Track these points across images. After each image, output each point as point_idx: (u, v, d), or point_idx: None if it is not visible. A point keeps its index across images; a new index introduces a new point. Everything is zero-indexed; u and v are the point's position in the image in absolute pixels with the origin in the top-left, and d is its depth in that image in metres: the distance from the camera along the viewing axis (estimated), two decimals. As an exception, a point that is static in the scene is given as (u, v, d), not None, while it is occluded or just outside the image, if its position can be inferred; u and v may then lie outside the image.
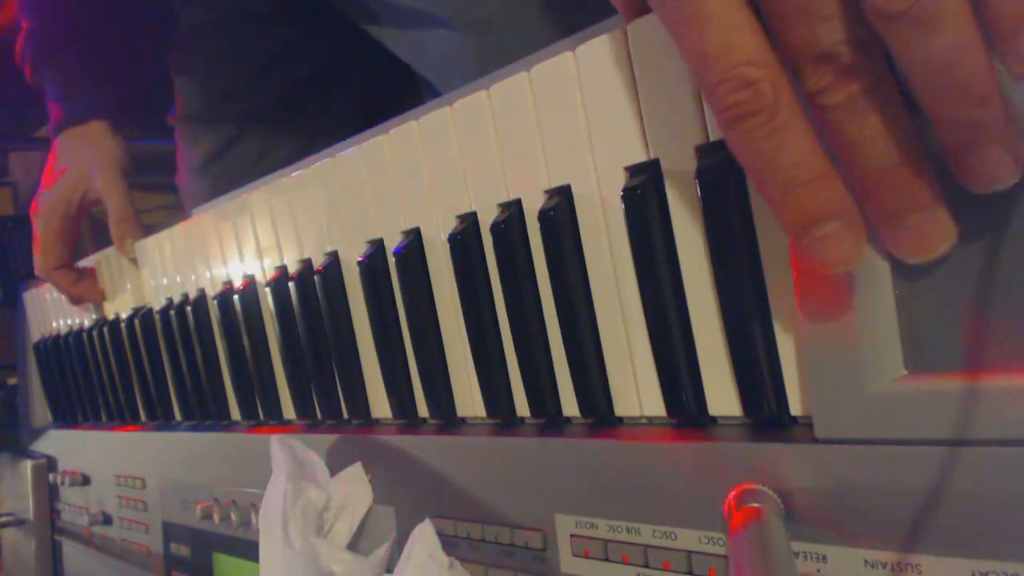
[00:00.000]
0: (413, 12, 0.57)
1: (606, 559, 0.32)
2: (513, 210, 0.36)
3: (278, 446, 0.46)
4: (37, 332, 0.91)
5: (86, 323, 0.78)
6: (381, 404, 0.45)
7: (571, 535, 0.33)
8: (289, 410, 0.52)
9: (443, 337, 0.41)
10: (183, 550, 0.61)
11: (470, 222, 0.38)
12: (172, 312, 0.61)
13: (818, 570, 0.26)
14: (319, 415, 0.50)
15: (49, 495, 0.88)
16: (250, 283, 0.54)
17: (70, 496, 0.83)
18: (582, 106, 0.33)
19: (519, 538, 0.35)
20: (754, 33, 0.22)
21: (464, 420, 0.41)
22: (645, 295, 0.32)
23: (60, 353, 0.83)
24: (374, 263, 0.43)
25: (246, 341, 0.54)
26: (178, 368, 0.62)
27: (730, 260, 0.29)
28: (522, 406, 0.37)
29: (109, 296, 0.75)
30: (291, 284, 0.49)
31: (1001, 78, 0.20)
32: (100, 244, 0.76)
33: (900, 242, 0.23)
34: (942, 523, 0.23)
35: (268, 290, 0.51)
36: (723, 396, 0.30)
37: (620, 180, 0.32)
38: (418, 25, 0.57)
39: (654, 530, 0.30)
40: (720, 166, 0.28)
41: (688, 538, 0.29)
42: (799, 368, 0.28)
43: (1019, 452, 0.22)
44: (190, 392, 0.61)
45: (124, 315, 0.70)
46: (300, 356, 0.50)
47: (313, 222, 0.48)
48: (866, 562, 0.25)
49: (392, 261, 0.42)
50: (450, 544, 0.39)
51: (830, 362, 0.26)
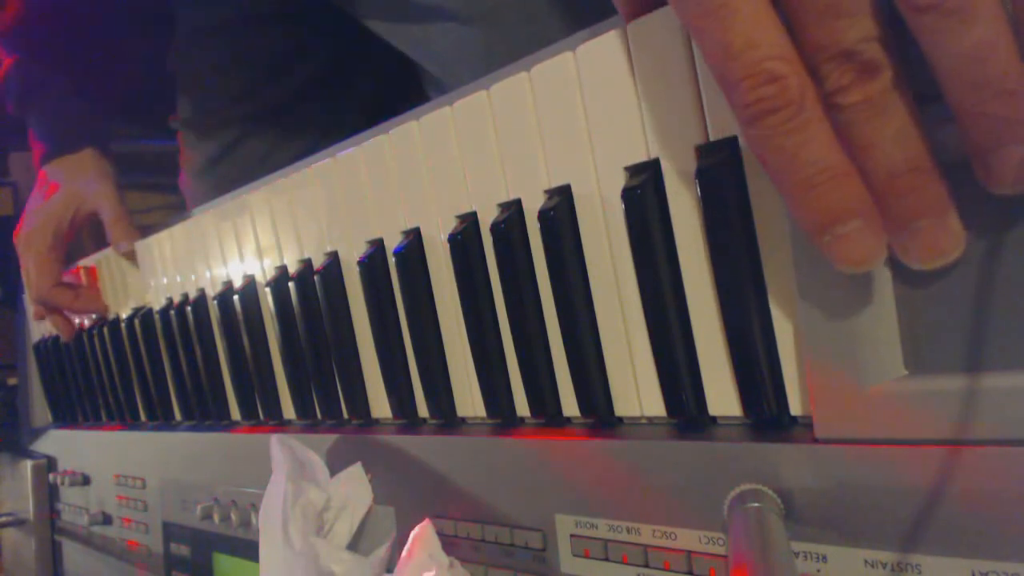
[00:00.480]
0: (419, 5, 0.57)
1: (606, 559, 0.32)
2: (513, 210, 0.36)
3: (278, 446, 0.46)
4: (37, 332, 0.91)
5: (86, 323, 0.78)
6: (381, 404, 0.45)
7: (571, 535, 0.33)
8: (289, 410, 0.52)
9: (443, 337, 0.41)
10: (183, 550, 0.61)
11: (470, 222, 0.38)
12: (172, 312, 0.61)
13: (818, 570, 0.26)
14: (319, 415, 0.50)
15: (49, 495, 0.88)
16: (250, 283, 0.54)
17: (70, 496, 0.83)
18: (582, 106, 0.33)
19: (519, 538, 0.35)
20: (778, 29, 0.22)
21: (464, 420, 0.41)
22: (645, 295, 0.32)
23: (60, 353, 0.83)
24: (374, 263, 0.43)
25: (246, 341, 0.54)
26: (178, 368, 0.62)
27: (730, 260, 0.29)
28: (522, 406, 0.37)
29: (109, 296, 0.75)
30: (291, 284, 0.49)
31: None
32: (100, 244, 0.76)
33: (909, 247, 0.23)
34: (942, 523, 0.23)
35: (268, 290, 0.51)
36: (723, 396, 0.30)
37: (620, 180, 0.32)
38: (424, 19, 0.57)
39: (654, 530, 0.30)
40: (720, 166, 0.28)
41: (688, 538, 0.29)
42: (799, 368, 0.28)
43: (1019, 452, 0.22)
44: (190, 392, 0.61)
45: (124, 315, 0.70)
46: (300, 356, 0.50)
47: (313, 222, 0.48)
48: (866, 562, 0.25)
49: (392, 261, 0.42)
50: (450, 544, 0.39)
51: (830, 362, 0.26)
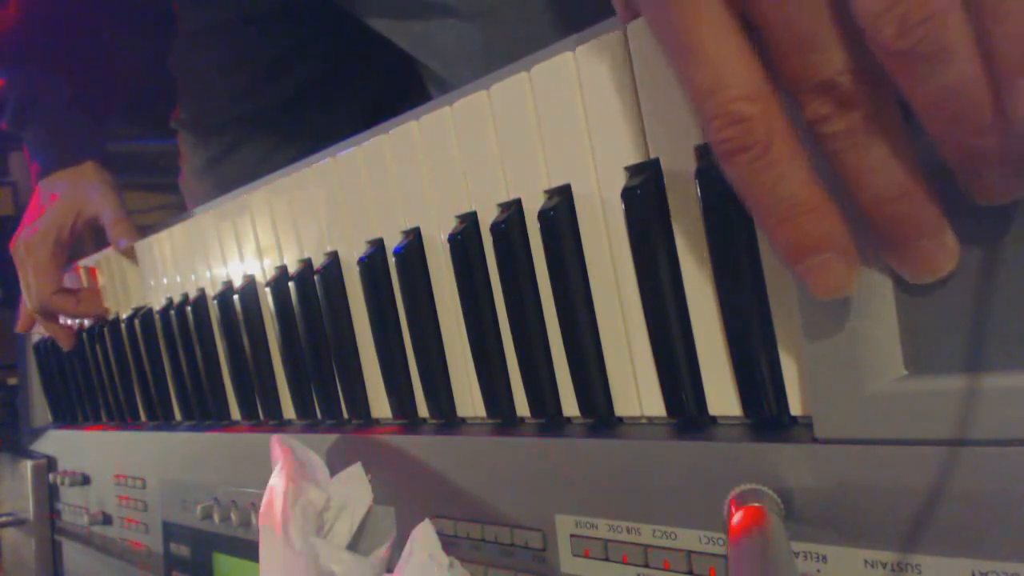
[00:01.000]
0: (419, 2, 0.57)
1: (606, 559, 0.32)
2: (513, 210, 0.36)
3: (278, 446, 0.46)
4: (37, 332, 0.91)
5: (86, 323, 0.78)
6: (381, 404, 0.45)
7: (571, 535, 0.33)
8: (289, 410, 0.52)
9: (443, 337, 0.41)
10: (183, 550, 0.61)
11: (470, 222, 0.38)
12: (172, 312, 0.61)
13: (818, 570, 0.26)
14: (319, 415, 0.50)
15: (49, 495, 0.88)
16: (250, 283, 0.54)
17: (70, 496, 0.83)
18: (582, 106, 0.33)
19: (519, 538, 0.35)
20: (746, 62, 0.22)
21: (464, 420, 0.41)
22: (645, 295, 0.32)
23: (60, 353, 0.83)
24: (374, 263, 0.43)
25: (246, 341, 0.54)
26: (178, 368, 0.62)
27: (730, 260, 0.29)
28: (522, 406, 0.37)
29: (109, 296, 0.75)
30: (291, 284, 0.49)
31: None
32: (100, 246, 0.77)
33: (905, 267, 0.24)
34: (942, 523, 0.23)
35: (268, 290, 0.51)
36: (723, 396, 0.30)
37: (620, 180, 0.32)
38: (424, 15, 0.57)
39: (654, 530, 0.30)
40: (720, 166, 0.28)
41: (688, 538, 0.29)
42: (799, 368, 0.28)
43: (1019, 452, 0.22)
44: (190, 392, 0.61)
45: (124, 315, 0.70)
46: (300, 356, 0.50)
47: (313, 222, 0.48)
48: (866, 562, 0.25)
49: (392, 261, 0.42)
50: (450, 544, 0.39)
51: (830, 362, 0.26)
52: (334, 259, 0.46)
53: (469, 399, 0.40)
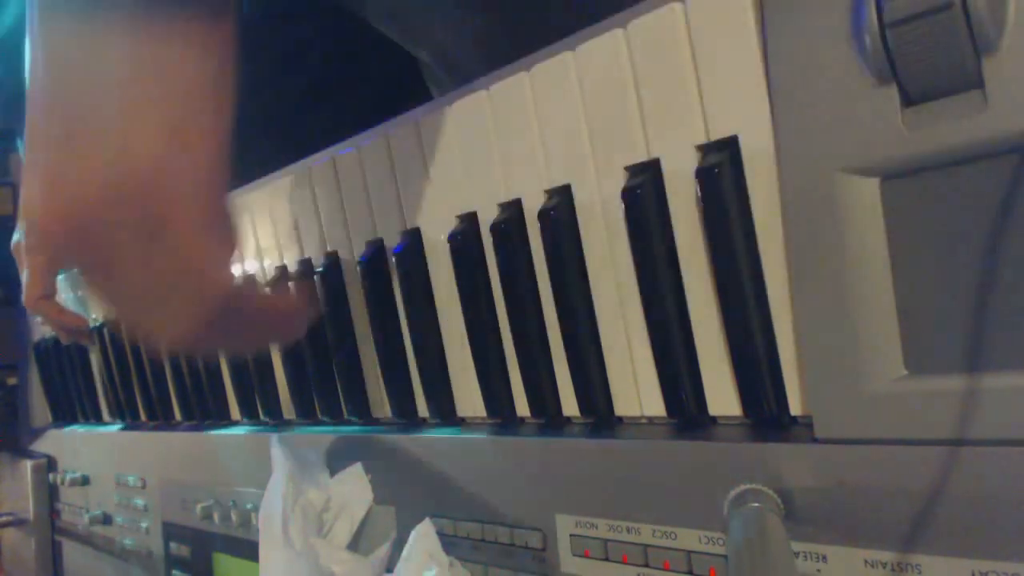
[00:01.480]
0: None
1: (606, 559, 0.32)
2: (513, 210, 0.36)
3: (278, 446, 0.46)
4: (37, 332, 0.91)
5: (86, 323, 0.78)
6: (381, 404, 0.45)
7: (571, 535, 0.33)
8: (289, 410, 0.52)
9: (443, 337, 0.41)
10: (183, 550, 0.61)
11: (470, 222, 0.38)
12: (172, 312, 0.61)
13: (818, 570, 0.26)
14: (319, 415, 0.50)
15: (49, 495, 0.88)
16: (250, 283, 0.54)
17: (70, 496, 0.83)
18: (582, 106, 0.33)
19: (519, 538, 0.35)
20: None
21: (464, 420, 0.41)
22: (645, 295, 0.32)
23: (60, 353, 0.83)
24: (374, 263, 0.43)
25: (246, 341, 0.54)
26: (178, 368, 0.62)
27: (730, 260, 0.29)
28: (522, 406, 0.37)
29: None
30: (291, 284, 0.49)
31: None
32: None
33: None
34: (942, 523, 0.23)
35: (267, 290, 0.51)
36: (723, 396, 0.30)
37: (620, 180, 0.32)
38: (425, 11, 0.57)
39: (654, 530, 0.30)
40: (720, 166, 0.28)
41: (688, 538, 0.29)
42: (799, 368, 0.28)
43: (1019, 452, 0.22)
44: (190, 392, 0.61)
45: (124, 315, 0.70)
46: (300, 356, 0.50)
47: (313, 222, 0.48)
48: (866, 562, 0.25)
49: (392, 261, 0.42)
50: (450, 544, 0.39)
51: (830, 362, 0.26)
52: (334, 259, 0.46)
53: (469, 399, 0.40)
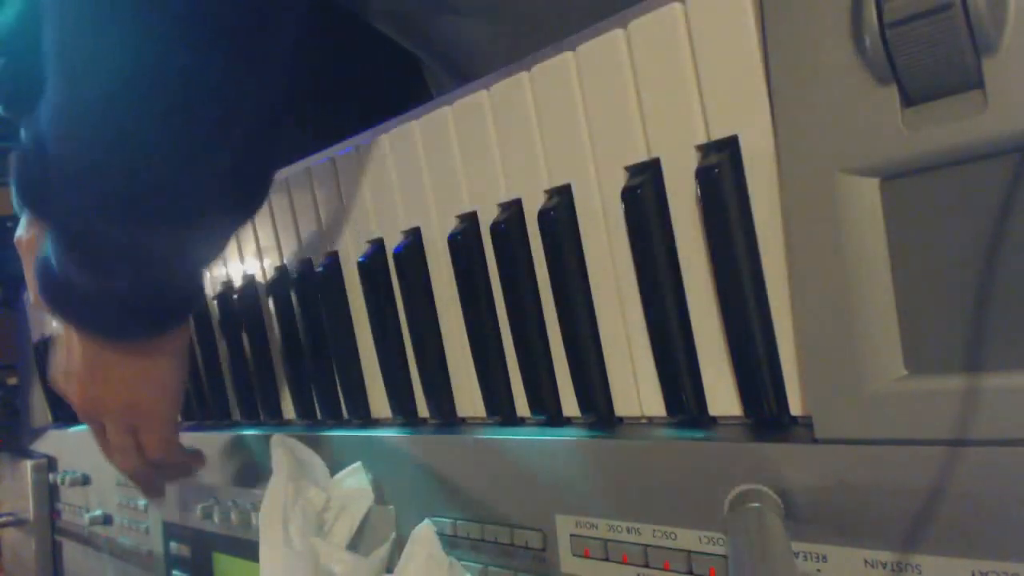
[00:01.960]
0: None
1: (606, 559, 0.32)
2: (513, 210, 0.36)
3: (278, 446, 0.46)
4: (37, 332, 0.91)
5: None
6: (381, 404, 0.45)
7: (571, 535, 0.33)
8: (289, 410, 0.52)
9: (443, 337, 0.41)
10: (183, 550, 0.61)
11: (470, 222, 0.38)
12: (172, 312, 0.61)
13: (818, 570, 0.26)
14: (319, 415, 0.50)
15: (49, 495, 0.88)
16: (250, 283, 0.54)
17: (70, 496, 0.83)
18: (582, 106, 0.33)
19: (519, 538, 0.35)
20: None
21: (464, 420, 0.41)
22: (645, 295, 0.32)
23: (60, 353, 0.83)
24: (374, 263, 0.43)
25: (246, 341, 0.54)
26: (178, 368, 0.62)
27: (730, 260, 0.29)
28: (522, 406, 0.37)
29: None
30: (291, 284, 0.49)
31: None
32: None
33: None
34: (942, 523, 0.23)
35: (268, 290, 0.51)
36: (723, 396, 0.30)
37: (620, 180, 0.32)
38: (427, 12, 0.57)
39: (654, 530, 0.30)
40: (720, 166, 0.28)
41: (688, 538, 0.29)
42: (799, 368, 0.28)
43: (1019, 452, 0.22)
44: (190, 392, 0.61)
45: (124, 315, 0.69)
46: (300, 356, 0.50)
47: (313, 222, 0.48)
48: (866, 562, 0.25)
49: (392, 261, 0.42)
50: (450, 544, 0.39)
51: (830, 362, 0.26)
52: (334, 259, 0.46)
53: (469, 399, 0.40)
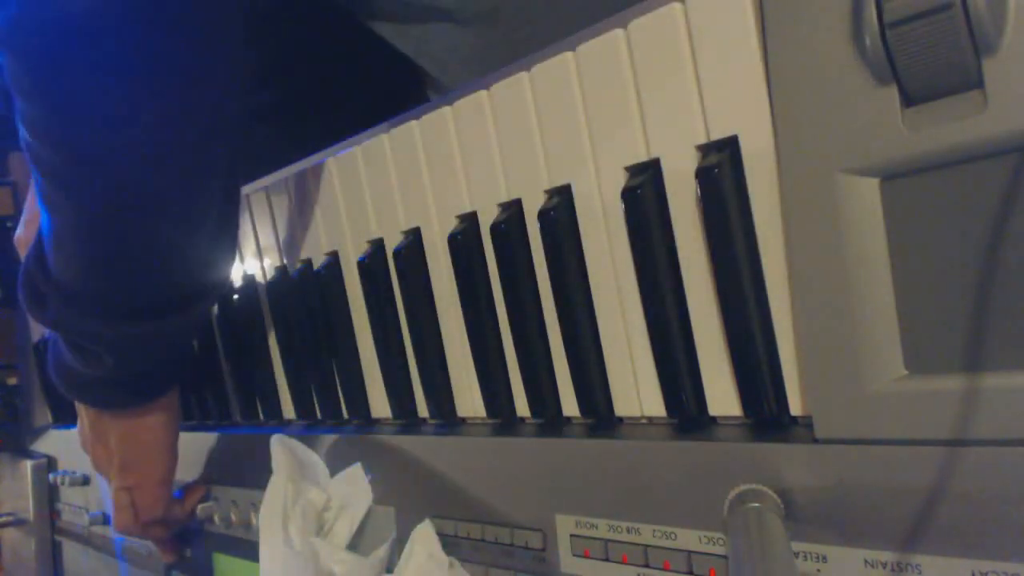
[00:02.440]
0: (418, 5, 0.57)
1: (606, 559, 0.32)
2: (513, 210, 0.36)
3: (278, 446, 0.46)
4: (37, 332, 0.91)
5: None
6: (381, 404, 0.45)
7: (571, 535, 0.33)
8: (289, 410, 0.52)
9: (443, 337, 0.41)
10: (183, 550, 0.61)
11: (470, 222, 0.38)
12: (172, 312, 0.61)
13: (818, 570, 0.26)
14: (319, 415, 0.50)
15: (49, 495, 0.88)
16: (250, 283, 0.54)
17: (70, 496, 0.83)
18: (582, 106, 0.33)
19: (519, 538, 0.35)
20: None
21: (464, 420, 0.41)
22: (645, 295, 0.32)
23: (60, 353, 0.83)
24: (374, 263, 0.43)
25: (246, 341, 0.54)
26: (178, 368, 0.62)
27: (730, 260, 0.29)
28: (522, 406, 0.37)
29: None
30: (291, 284, 0.49)
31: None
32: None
33: None
34: (942, 523, 0.23)
35: (267, 290, 0.51)
36: (723, 396, 0.30)
37: (620, 180, 0.32)
38: (422, 18, 0.57)
39: (654, 530, 0.30)
40: (720, 166, 0.28)
41: (688, 538, 0.29)
42: (799, 368, 0.28)
43: (1019, 452, 0.22)
44: (190, 392, 0.61)
45: (124, 315, 0.69)
46: (300, 356, 0.50)
47: (313, 222, 0.48)
48: (866, 562, 0.25)
49: (392, 261, 0.42)
50: (450, 544, 0.39)
51: (830, 362, 0.26)
52: (334, 259, 0.46)
53: (469, 399, 0.40)
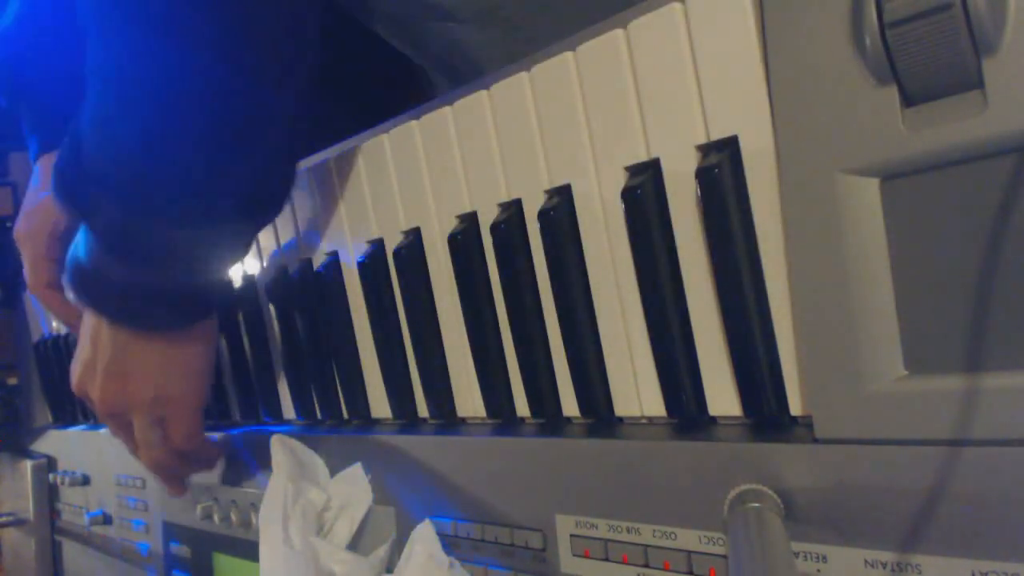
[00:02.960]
0: (418, 4, 0.57)
1: (606, 559, 0.32)
2: (513, 210, 0.36)
3: (278, 446, 0.46)
4: (37, 332, 0.91)
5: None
6: (381, 404, 0.45)
7: (571, 535, 0.33)
8: (289, 410, 0.52)
9: (443, 337, 0.41)
10: (183, 550, 0.61)
11: (470, 222, 0.38)
12: (172, 312, 0.61)
13: (818, 570, 0.26)
14: (319, 415, 0.50)
15: (49, 495, 0.88)
16: (250, 283, 0.54)
17: (70, 496, 0.83)
18: (582, 106, 0.33)
19: (519, 538, 0.35)
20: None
21: (464, 420, 0.41)
22: (645, 295, 0.32)
23: (60, 353, 0.83)
24: (374, 263, 0.43)
25: (246, 341, 0.54)
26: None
27: (730, 260, 0.29)
28: (522, 406, 0.37)
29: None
30: (291, 284, 0.49)
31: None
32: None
33: None
34: (942, 523, 0.23)
35: (268, 290, 0.51)
36: (723, 396, 0.30)
37: (620, 180, 0.32)
38: (422, 18, 0.57)
39: (654, 530, 0.30)
40: (720, 166, 0.28)
41: (688, 538, 0.29)
42: (799, 368, 0.28)
43: (1019, 452, 0.22)
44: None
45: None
46: (300, 356, 0.50)
47: (313, 222, 0.48)
48: (866, 562, 0.25)
49: (392, 261, 0.42)
50: (450, 544, 0.39)
51: (830, 362, 0.26)
52: (334, 259, 0.46)
53: (469, 399, 0.40)
